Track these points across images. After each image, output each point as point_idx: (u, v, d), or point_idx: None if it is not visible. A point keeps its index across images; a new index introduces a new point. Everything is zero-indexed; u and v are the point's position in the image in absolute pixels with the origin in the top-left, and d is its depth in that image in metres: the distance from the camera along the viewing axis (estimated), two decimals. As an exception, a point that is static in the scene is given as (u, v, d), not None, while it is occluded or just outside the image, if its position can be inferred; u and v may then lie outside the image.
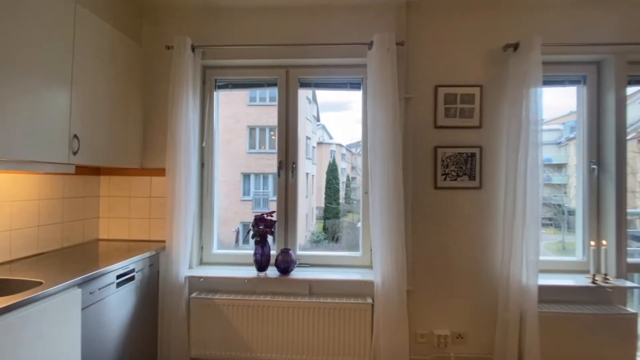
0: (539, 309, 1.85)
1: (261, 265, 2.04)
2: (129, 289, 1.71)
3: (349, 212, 4.22)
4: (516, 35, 1.99)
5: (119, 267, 1.60)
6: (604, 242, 1.97)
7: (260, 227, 2.02)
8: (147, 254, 1.86)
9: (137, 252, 1.80)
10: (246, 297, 2.00)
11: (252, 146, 4.22)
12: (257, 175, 4.18)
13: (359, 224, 2.30)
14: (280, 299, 1.98)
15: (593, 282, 1.89)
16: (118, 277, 1.60)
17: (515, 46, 1.94)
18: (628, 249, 2.02)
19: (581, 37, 2.00)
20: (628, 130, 2.07)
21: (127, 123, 2.01)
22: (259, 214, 2.06)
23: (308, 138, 4.07)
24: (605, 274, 1.92)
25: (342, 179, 4.59)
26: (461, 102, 2.05)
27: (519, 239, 1.87)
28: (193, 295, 2.03)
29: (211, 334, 1.99)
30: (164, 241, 2.01)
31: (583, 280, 1.94)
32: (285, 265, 2.01)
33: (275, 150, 2.25)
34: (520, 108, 1.91)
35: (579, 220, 2.18)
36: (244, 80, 2.39)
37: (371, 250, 2.16)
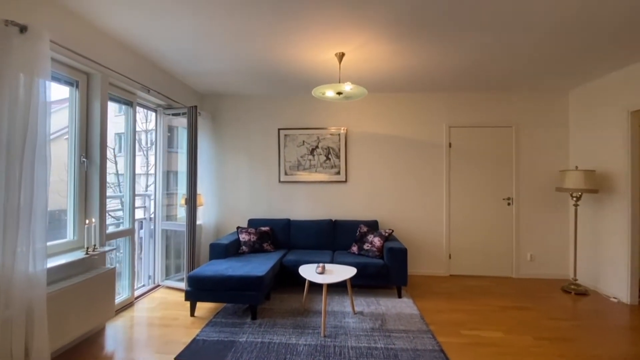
0: (52, 290, 1.95)
1: None
2: None
3: None
4: (26, 17, 1.89)
5: None
6: (93, 220, 2.47)
7: None
8: None
9: None
10: None
11: None
12: None
13: None
14: None
15: (87, 254, 2.32)
16: None
17: (23, 28, 1.84)
18: (107, 223, 2.71)
19: (80, 48, 2.34)
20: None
21: None
22: None
23: None
24: (95, 245, 2.43)
25: None
26: (-59, 63, 1.53)
27: (26, 230, 1.83)
28: None
29: None
30: None
31: (79, 255, 2.30)
32: None
33: None
34: (25, 95, 1.86)
35: (71, 205, 2.50)
36: None
37: None
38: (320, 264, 2.84)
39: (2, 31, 1.83)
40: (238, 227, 3.85)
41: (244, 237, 3.73)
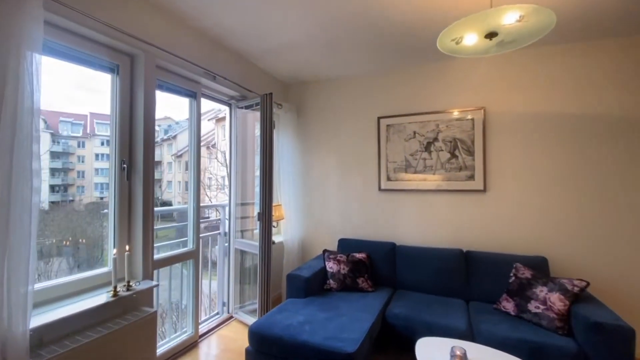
0: (49, 354, 1.37)
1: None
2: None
3: None
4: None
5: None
6: (127, 247, 1.87)
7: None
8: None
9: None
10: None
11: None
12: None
13: None
14: None
15: (114, 295, 1.70)
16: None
17: (-2, -23, 1.28)
18: (156, 245, 2.11)
19: (116, 21, 1.75)
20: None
21: None
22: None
23: None
24: (129, 281, 1.81)
25: None
26: None
27: (1, 267, 1.25)
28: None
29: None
30: None
31: (102, 299, 1.68)
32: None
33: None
34: (15, 78, 1.29)
35: (111, 224, 1.96)
36: None
37: None
38: (457, 348, 1.56)
39: (-22, -14, 1.30)
40: (325, 251, 2.88)
41: (331, 266, 2.73)
